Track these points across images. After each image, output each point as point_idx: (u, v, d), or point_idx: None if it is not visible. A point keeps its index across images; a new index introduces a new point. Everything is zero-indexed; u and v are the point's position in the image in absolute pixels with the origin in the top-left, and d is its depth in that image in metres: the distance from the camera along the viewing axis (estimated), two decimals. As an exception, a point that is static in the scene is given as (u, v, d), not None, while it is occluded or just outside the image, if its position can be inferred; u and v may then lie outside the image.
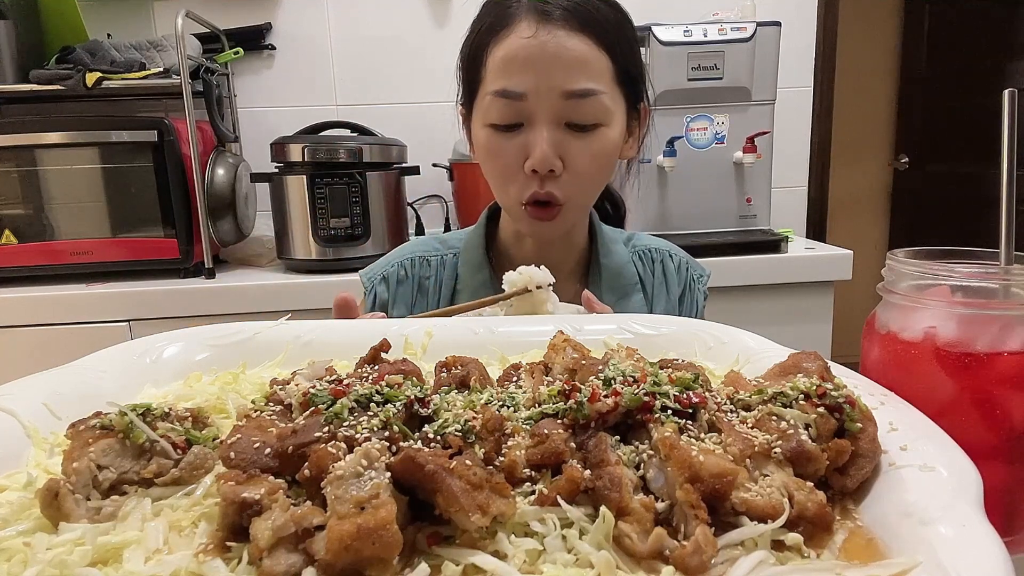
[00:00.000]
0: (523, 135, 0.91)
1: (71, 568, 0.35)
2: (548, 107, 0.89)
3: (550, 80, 0.88)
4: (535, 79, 0.88)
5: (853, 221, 4.10)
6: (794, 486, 0.39)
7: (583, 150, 0.92)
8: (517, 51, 0.89)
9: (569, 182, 0.93)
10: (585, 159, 0.92)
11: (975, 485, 0.38)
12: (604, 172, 0.97)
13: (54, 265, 1.91)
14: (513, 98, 0.90)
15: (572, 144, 0.91)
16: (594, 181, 0.97)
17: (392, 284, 1.07)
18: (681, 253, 1.14)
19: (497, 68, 0.91)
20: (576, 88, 0.88)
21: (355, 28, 2.33)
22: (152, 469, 0.43)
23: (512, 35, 0.89)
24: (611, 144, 0.94)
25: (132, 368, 0.61)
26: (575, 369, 0.52)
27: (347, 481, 0.36)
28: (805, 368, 0.50)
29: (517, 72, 0.89)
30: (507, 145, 0.92)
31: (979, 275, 0.54)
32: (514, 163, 0.92)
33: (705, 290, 1.13)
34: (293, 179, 1.93)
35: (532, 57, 0.88)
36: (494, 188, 0.99)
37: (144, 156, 1.89)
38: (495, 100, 0.91)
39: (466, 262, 1.06)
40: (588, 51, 0.89)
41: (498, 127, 0.92)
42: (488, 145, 0.95)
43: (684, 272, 1.11)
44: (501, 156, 0.94)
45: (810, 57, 2.47)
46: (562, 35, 0.88)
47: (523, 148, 0.91)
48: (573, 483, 0.39)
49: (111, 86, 1.94)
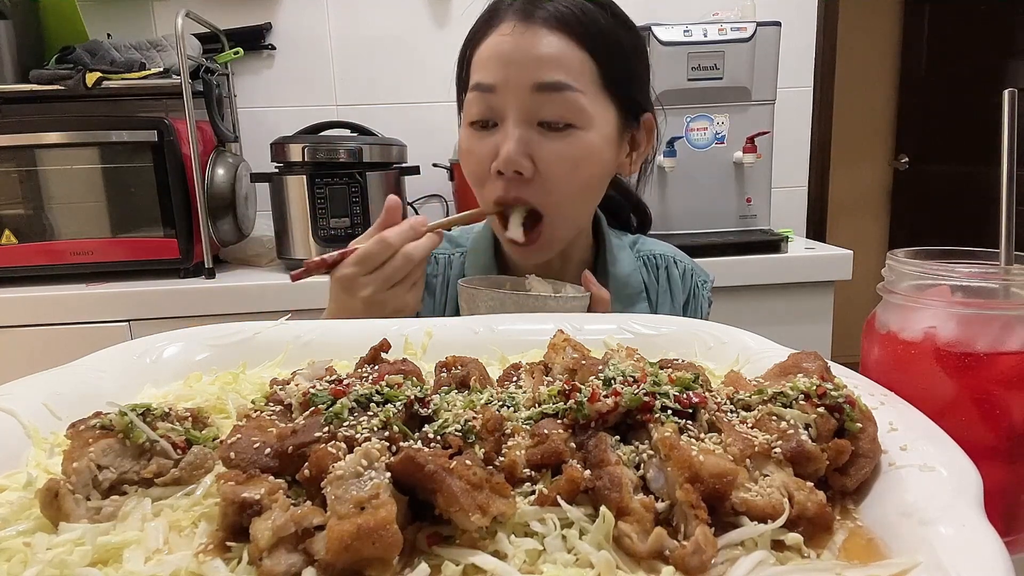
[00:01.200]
0: (495, 135, 0.89)
1: (71, 568, 0.35)
2: (518, 102, 0.87)
3: (520, 73, 0.86)
4: (506, 72, 0.87)
5: (853, 221, 4.10)
6: (794, 486, 0.39)
7: (554, 151, 0.87)
8: (495, 45, 0.89)
9: (541, 188, 0.88)
10: (556, 161, 0.88)
11: (975, 485, 0.38)
12: (583, 180, 0.91)
13: (54, 265, 1.91)
14: (484, 91, 0.89)
15: (543, 145, 0.87)
16: (571, 189, 0.91)
17: None
18: (686, 259, 1.12)
19: (477, 65, 0.91)
20: (545, 80, 0.86)
21: (355, 28, 2.33)
22: (152, 469, 0.43)
23: (494, 34, 0.90)
24: (588, 149, 0.89)
25: (132, 368, 0.61)
26: (575, 369, 0.52)
27: (347, 481, 0.36)
28: (805, 368, 0.50)
29: (492, 66, 0.88)
30: (479, 146, 0.91)
31: (979, 275, 0.54)
32: (486, 164, 0.90)
33: (710, 296, 1.11)
34: (293, 179, 1.93)
35: (505, 51, 0.87)
36: (475, 193, 0.96)
37: (144, 156, 1.89)
38: (471, 97, 0.91)
39: (473, 264, 1.05)
40: (564, 48, 0.87)
41: (473, 126, 0.91)
42: (464, 145, 0.94)
43: (689, 279, 1.09)
44: (473, 157, 0.92)
45: (810, 57, 2.47)
46: (541, 32, 0.87)
47: (494, 148, 0.89)
48: (573, 483, 0.39)
49: (111, 86, 1.93)
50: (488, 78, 0.88)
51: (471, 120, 0.91)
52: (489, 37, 0.90)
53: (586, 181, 0.92)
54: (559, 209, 0.92)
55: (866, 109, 4.09)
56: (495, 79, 0.88)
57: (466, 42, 0.96)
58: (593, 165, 0.91)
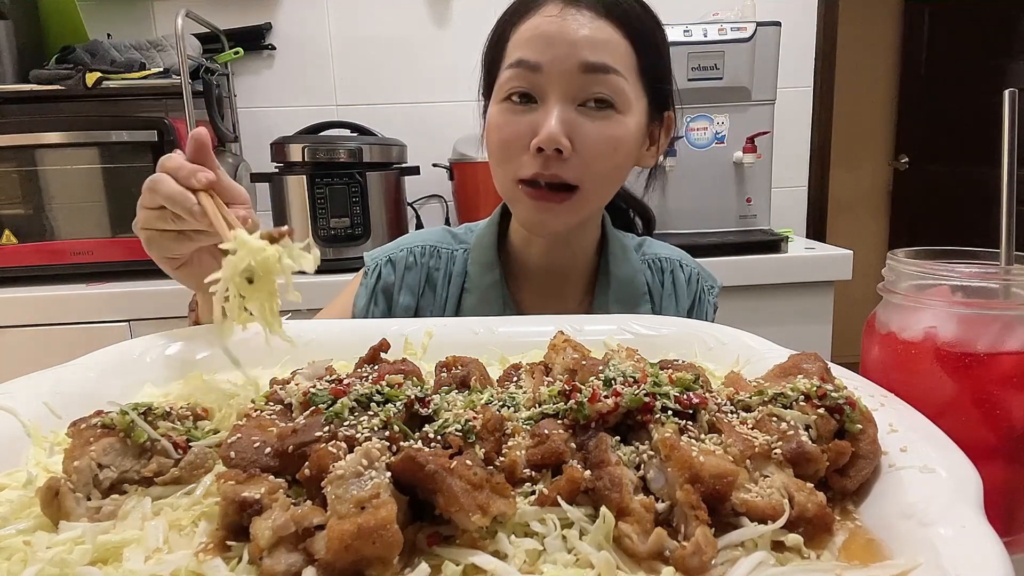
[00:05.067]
0: (534, 113, 0.89)
1: (71, 567, 0.35)
2: (563, 82, 0.87)
3: (568, 54, 0.87)
4: (553, 51, 0.87)
5: (853, 221, 4.10)
6: (794, 487, 0.39)
7: (594, 131, 0.88)
8: (539, 26, 0.88)
9: (578, 165, 0.89)
10: (596, 141, 0.88)
11: (975, 486, 0.38)
12: (617, 163, 0.93)
13: (54, 265, 1.91)
14: (529, 68, 0.88)
15: (583, 125, 0.88)
16: (606, 169, 0.91)
17: (399, 268, 1.04)
18: (692, 263, 1.11)
19: (518, 43, 0.90)
20: (594, 60, 0.87)
21: (355, 28, 2.33)
22: (152, 468, 0.43)
23: (537, 15, 0.89)
24: (625, 133, 0.90)
25: (132, 368, 0.62)
26: (575, 369, 0.52)
27: (347, 481, 0.36)
28: (805, 369, 0.50)
29: (537, 45, 0.88)
30: (516, 120, 0.90)
31: (979, 275, 0.54)
32: (520, 140, 0.89)
33: (715, 302, 1.10)
34: (293, 179, 1.92)
35: (553, 32, 0.87)
36: (493, 166, 0.95)
37: (144, 156, 1.89)
38: (511, 73, 0.89)
39: (476, 260, 1.04)
40: (611, 35, 0.88)
41: (511, 102, 0.90)
42: (497, 121, 0.92)
43: (695, 284, 1.08)
44: (507, 130, 0.90)
45: (810, 57, 2.47)
46: (588, 16, 0.88)
47: (532, 126, 0.88)
48: (573, 483, 0.39)
49: (111, 86, 1.93)
50: (534, 56, 0.88)
51: (508, 95, 0.90)
52: (532, 18, 0.90)
53: (619, 163, 0.93)
54: (592, 185, 0.92)
55: (866, 109, 4.09)
56: (541, 58, 0.87)
57: (502, 21, 0.95)
58: (627, 148, 0.92)
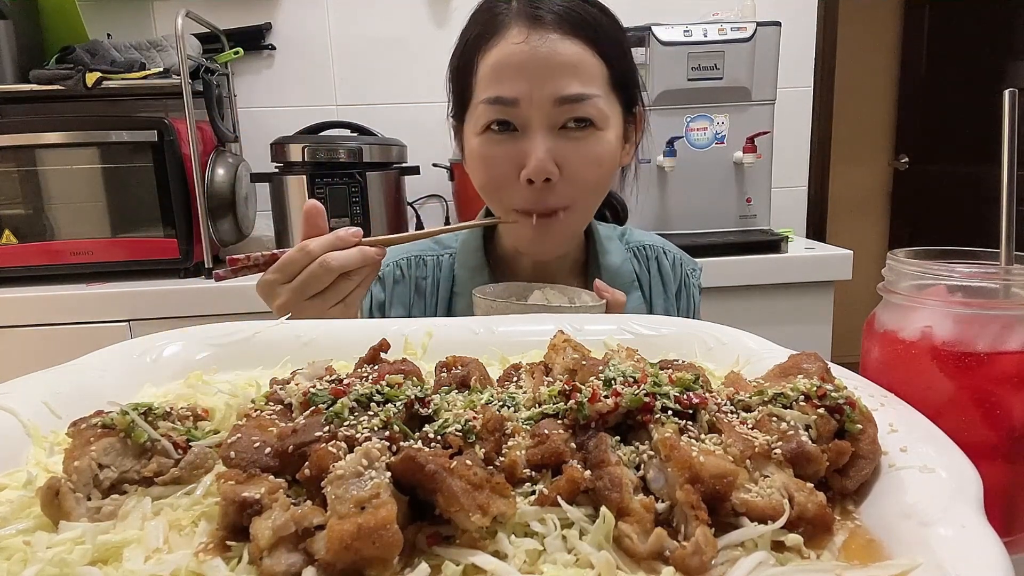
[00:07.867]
0: (517, 142, 0.89)
1: (71, 567, 0.34)
2: (542, 113, 0.87)
3: (543, 86, 0.86)
4: (528, 85, 0.86)
5: (853, 221, 4.10)
6: (794, 487, 0.39)
7: (579, 154, 0.89)
8: (508, 57, 0.87)
9: (567, 188, 0.90)
10: (582, 163, 0.90)
11: (975, 486, 0.38)
12: (603, 178, 0.94)
13: (54, 265, 1.91)
14: (506, 104, 0.88)
15: (568, 150, 0.89)
16: (593, 187, 0.94)
17: (388, 284, 1.05)
18: (673, 248, 1.13)
19: (488, 75, 0.89)
20: (569, 93, 0.86)
21: (355, 28, 2.33)
22: (153, 468, 0.43)
23: (503, 41, 0.88)
24: (608, 149, 0.91)
25: (132, 368, 0.61)
26: (575, 369, 0.52)
27: (347, 481, 0.36)
28: (805, 369, 0.50)
29: (509, 78, 0.87)
30: (500, 152, 0.90)
31: (979, 275, 0.54)
32: (508, 171, 0.90)
33: (699, 283, 1.13)
34: (293, 179, 1.93)
35: (524, 63, 0.86)
36: (485, 197, 0.96)
37: (144, 156, 1.89)
38: (487, 108, 0.89)
39: (463, 264, 1.04)
40: (581, 55, 0.87)
41: (492, 131, 0.90)
42: (481, 153, 0.92)
43: (679, 269, 1.11)
44: (495, 164, 0.91)
45: (810, 57, 2.47)
46: (555, 39, 0.86)
47: (517, 156, 0.89)
48: (573, 483, 0.39)
49: (111, 86, 1.94)
50: (510, 92, 0.87)
51: (486, 126, 0.90)
52: (498, 45, 0.88)
53: (604, 175, 0.95)
54: (583, 201, 0.94)
55: (866, 109, 4.09)
56: (517, 93, 0.87)
57: (464, 50, 0.93)
58: (610, 160, 0.94)
